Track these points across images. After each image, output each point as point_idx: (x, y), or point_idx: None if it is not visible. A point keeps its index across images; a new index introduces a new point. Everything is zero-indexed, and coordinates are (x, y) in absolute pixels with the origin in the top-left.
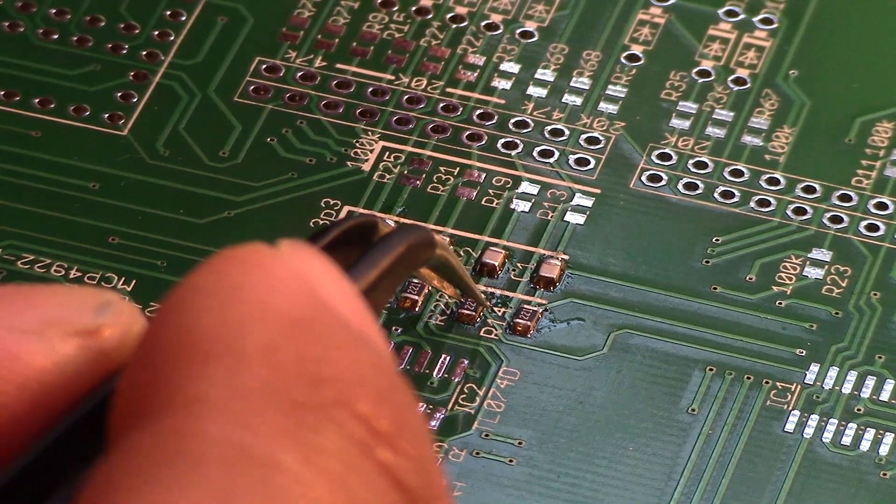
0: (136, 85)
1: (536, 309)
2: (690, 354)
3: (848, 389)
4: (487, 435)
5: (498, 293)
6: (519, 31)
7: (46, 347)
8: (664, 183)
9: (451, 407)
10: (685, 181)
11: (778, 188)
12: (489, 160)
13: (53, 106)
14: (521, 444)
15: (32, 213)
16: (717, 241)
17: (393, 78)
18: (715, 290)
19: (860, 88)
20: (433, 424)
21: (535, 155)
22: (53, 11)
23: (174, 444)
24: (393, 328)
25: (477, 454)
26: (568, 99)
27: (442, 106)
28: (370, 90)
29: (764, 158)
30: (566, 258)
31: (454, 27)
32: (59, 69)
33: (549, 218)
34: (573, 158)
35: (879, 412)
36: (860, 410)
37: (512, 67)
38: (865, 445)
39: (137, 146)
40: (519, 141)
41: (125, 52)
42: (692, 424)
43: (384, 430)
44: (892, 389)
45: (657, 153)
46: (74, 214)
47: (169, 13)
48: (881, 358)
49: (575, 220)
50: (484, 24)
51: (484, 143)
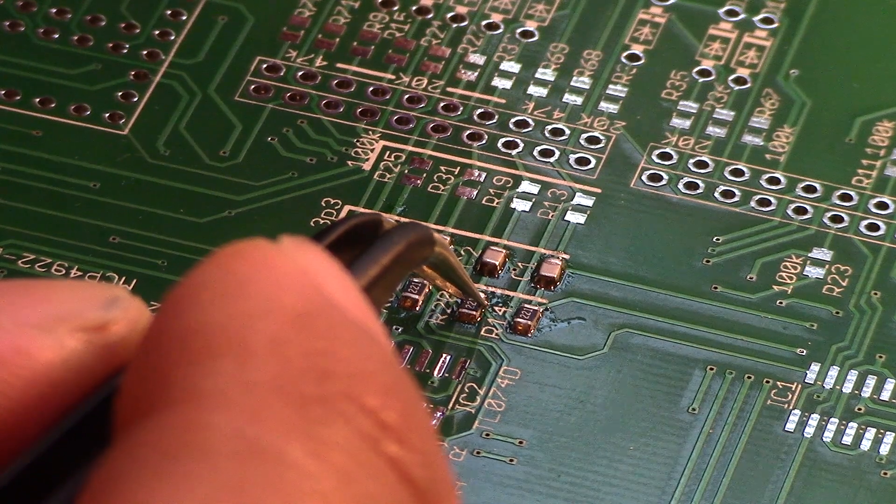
0: (136, 84)
1: (537, 308)
2: (691, 354)
3: (848, 389)
4: (488, 434)
5: (499, 292)
6: (519, 30)
7: (54, 343)
8: (665, 182)
9: (451, 406)
10: (686, 181)
11: (778, 188)
12: (490, 159)
13: (54, 105)
14: (521, 443)
15: (33, 212)
16: (717, 240)
17: (393, 77)
18: (716, 289)
19: (860, 88)
20: (433, 424)
21: (535, 154)
22: (54, 11)
23: (182, 436)
24: (393, 327)
25: (477, 453)
26: (568, 98)
27: (442, 105)
28: (371, 89)
29: (764, 158)
30: (567, 257)
31: (455, 27)
32: (59, 68)
33: (549, 217)
34: (574, 158)
35: (880, 412)
36: (861, 410)
37: (512, 67)
38: (866, 445)
39: (138, 145)
40: (519, 140)
41: (126, 51)
42: (693, 424)
43: (391, 423)
44: (892, 389)
45: (658, 153)
46: (75, 214)
47: (169, 13)
48: (882, 357)
49: (575, 219)
50: (484, 23)
51: (484, 142)
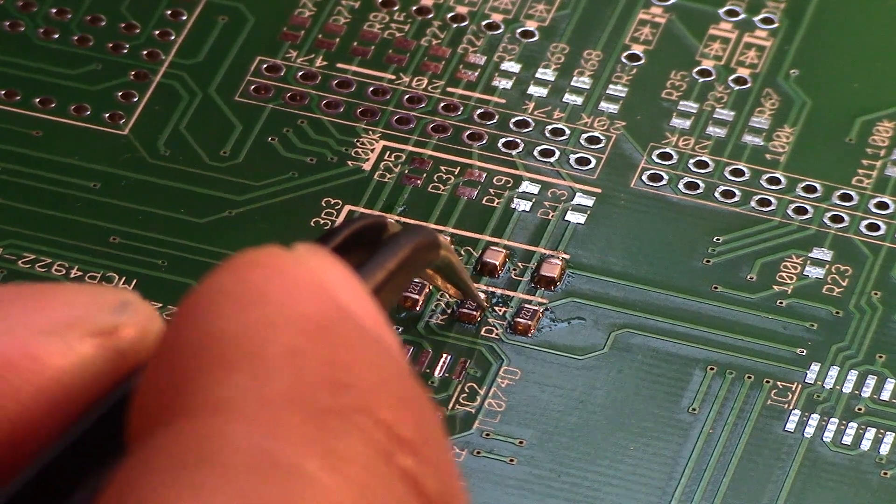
0: (136, 84)
1: (537, 308)
2: (691, 354)
3: (849, 389)
4: (488, 434)
5: (499, 292)
6: (520, 30)
7: (65, 348)
8: (665, 182)
9: (451, 406)
10: (686, 181)
11: (779, 188)
12: (490, 160)
13: (54, 105)
14: (521, 443)
15: (33, 212)
16: (717, 240)
17: (394, 77)
18: (716, 289)
19: (860, 88)
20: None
21: (535, 154)
22: (54, 11)
23: (198, 447)
24: (394, 327)
25: (478, 453)
26: (569, 98)
27: (443, 105)
28: (371, 90)
29: (765, 158)
30: (567, 257)
31: (455, 27)
32: (59, 69)
33: (549, 217)
34: (574, 158)
35: (880, 411)
36: (861, 410)
37: (513, 67)
38: (866, 445)
39: (138, 145)
40: (520, 140)
41: (126, 51)
42: (693, 424)
43: (406, 436)
44: (892, 389)
45: (658, 153)
46: (75, 214)
47: (170, 13)
48: (882, 357)
49: (576, 219)
50: (484, 23)
51: (485, 142)
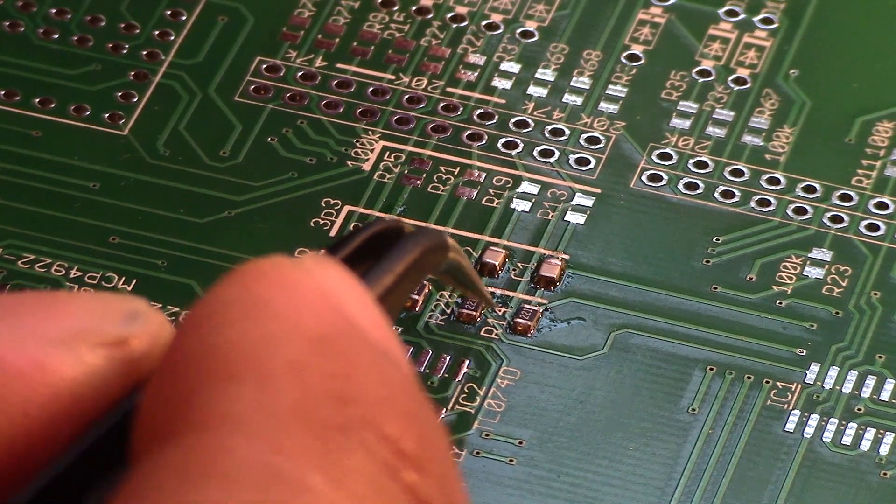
0: (136, 84)
1: (537, 308)
2: (691, 354)
3: (848, 389)
4: (488, 434)
5: (498, 293)
6: (519, 30)
7: (74, 358)
8: (664, 183)
9: (451, 406)
10: (685, 181)
11: (778, 188)
12: (489, 160)
13: (54, 105)
14: (521, 443)
15: (33, 212)
16: (717, 240)
17: (393, 78)
18: (715, 289)
19: (860, 88)
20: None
21: (535, 154)
22: (54, 11)
23: (204, 461)
24: (393, 327)
25: (477, 454)
26: (568, 98)
27: (442, 105)
28: (370, 90)
29: (764, 158)
30: (566, 258)
31: (454, 27)
32: (59, 69)
33: (549, 218)
34: (573, 158)
35: (880, 412)
36: (860, 410)
37: (512, 67)
38: (866, 445)
39: (138, 146)
40: (519, 140)
41: (125, 51)
42: (692, 424)
43: (410, 451)
44: (892, 389)
45: (657, 153)
46: (75, 214)
47: (169, 13)
48: (881, 357)
49: (575, 219)
50: (484, 23)
51: (484, 142)
